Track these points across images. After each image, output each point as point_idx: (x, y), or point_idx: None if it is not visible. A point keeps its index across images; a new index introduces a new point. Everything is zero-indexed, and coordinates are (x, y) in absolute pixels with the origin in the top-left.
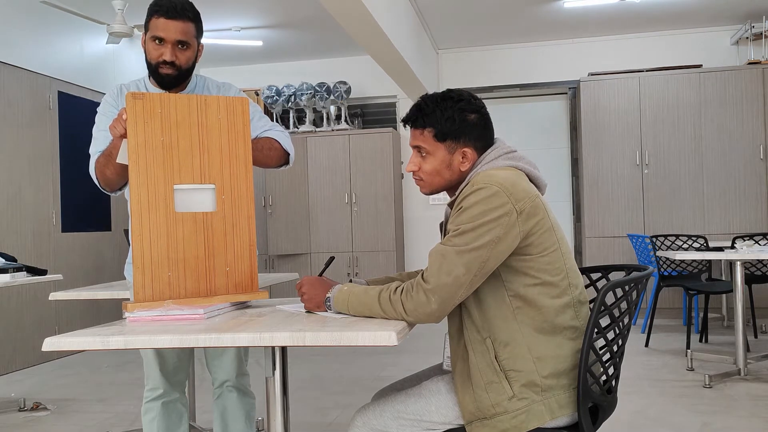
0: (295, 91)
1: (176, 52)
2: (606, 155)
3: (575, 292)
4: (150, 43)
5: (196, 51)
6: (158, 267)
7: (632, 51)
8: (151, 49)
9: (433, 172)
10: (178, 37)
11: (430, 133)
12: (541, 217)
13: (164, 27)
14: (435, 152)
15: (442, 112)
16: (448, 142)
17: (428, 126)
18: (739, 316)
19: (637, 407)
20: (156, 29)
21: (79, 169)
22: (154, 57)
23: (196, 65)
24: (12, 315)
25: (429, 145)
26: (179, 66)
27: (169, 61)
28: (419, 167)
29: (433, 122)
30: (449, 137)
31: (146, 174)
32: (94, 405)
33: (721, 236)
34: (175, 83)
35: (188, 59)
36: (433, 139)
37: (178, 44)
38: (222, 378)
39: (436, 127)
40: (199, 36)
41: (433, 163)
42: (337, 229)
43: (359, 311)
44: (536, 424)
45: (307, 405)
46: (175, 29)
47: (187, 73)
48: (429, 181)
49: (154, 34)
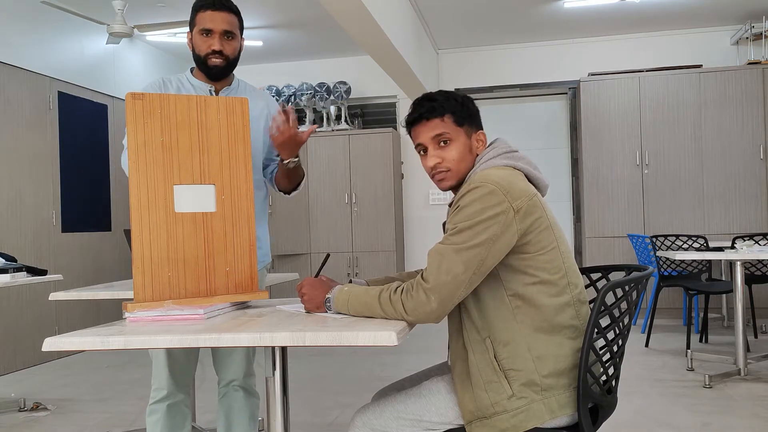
0: (295, 91)
1: (223, 42)
2: (606, 155)
3: (575, 291)
4: (198, 37)
5: (240, 44)
6: (158, 267)
7: (632, 51)
8: (200, 43)
9: (459, 158)
10: (225, 27)
11: (450, 118)
12: (538, 215)
13: (211, 18)
14: (457, 137)
15: (455, 99)
16: (466, 127)
17: (447, 112)
18: (739, 316)
19: (637, 407)
20: (204, 22)
21: (79, 169)
22: (203, 49)
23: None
24: (12, 315)
25: (452, 131)
26: (227, 56)
27: (218, 50)
28: (442, 158)
29: (452, 108)
30: (466, 121)
31: (146, 174)
32: (94, 405)
33: (721, 236)
34: (223, 73)
35: (234, 50)
36: (454, 123)
37: (224, 35)
38: (229, 377)
39: (455, 111)
40: (241, 29)
41: (458, 148)
42: (337, 229)
43: (359, 311)
44: (536, 423)
45: (307, 405)
46: (221, 20)
47: (233, 64)
48: (456, 168)
49: (203, 27)
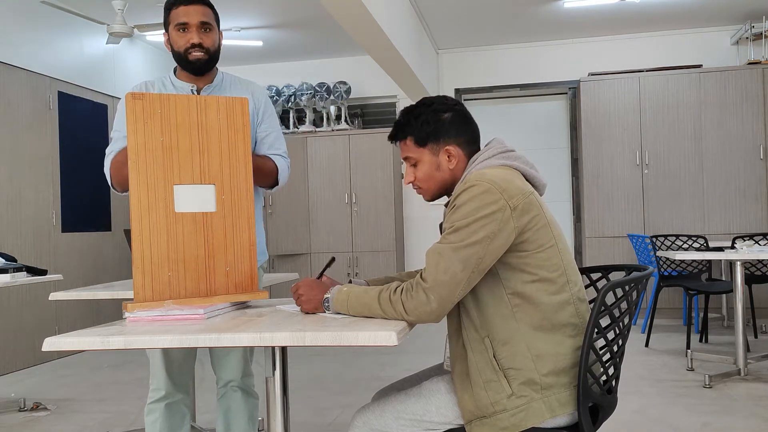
0: (295, 91)
1: (201, 35)
2: (606, 155)
3: (574, 288)
4: (175, 33)
5: (219, 37)
6: (158, 267)
7: (632, 51)
8: (177, 39)
9: (426, 178)
10: (201, 18)
11: (411, 141)
12: (535, 213)
13: (185, 12)
14: (421, 158)
15: (416, 118)
16: (429, 145)
17: (407, 135)
18: (739, 316)
19: (637, 407)
20: (178, 17)
21: (79, 169)
22: (181, 45)
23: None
24: (12, 315)
25: (414, 153)
26: (207, 48)
27: (197, 43)
28: (414, 177)
29: (411, 131)
30: (429, 140)
31: (146, 174)
32: (94, 405)
33: (721, 236)
34: (206, 67)
35: (214, 42)
36: (415, 146)
37: (201, 26)
38: (227, 378)
39: (414, 134)
40: (217, 21)
41: (423, 169)
42: (337, 229)
43: (359, 311)
44: (535, 422)
45: (307, 405)
46: (195, 12)
47: (215, 57)
48: (426, 187)
49: (178, 22)
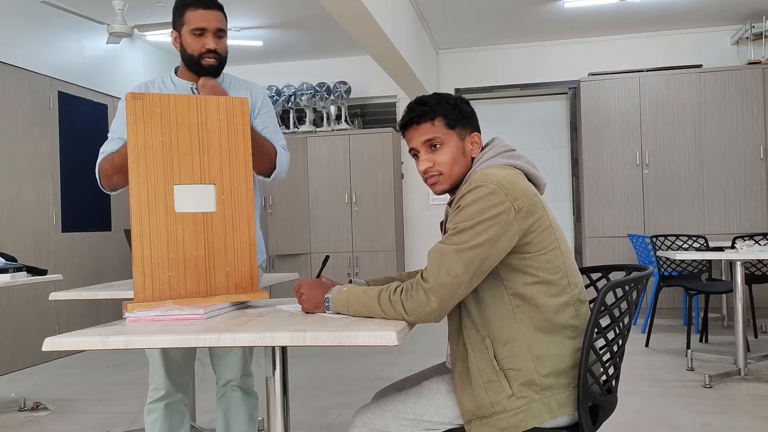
0: (295, 91)
1: (216, 40)
2: (606, 155)
3: (575, 290)
4: (189, 37)
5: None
6: (158, 267)
7: (632, 51)
8: (192, 42)
9: (452, 161)
10: (218, 25)
11: (441, 121)
12: (539, 215)
13: (204, 17)
14: (449, 140)
15: (447, 101)
16: (458, 129)
17: (438, 115)
18: (739, 316)
19: (637, 407)
20: (195, 21)
21: (79, 169)
22: (196, 49)
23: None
24: (12, 315)
25: (443, 134)
26: (220, 54)
27: (213, 49)
28: (434, 162)
29: (443, 111)
30: (459, 124)
31: (146, 174)
32: (94, 405)
33: (721, 236)
34: (216, 73)
35: (225, 48)
36: (445, 127)
37: (217, 33)
38: (227, 377)
39: (446, 114)
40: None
41: (450, 151)
42: (337, 229)
43: (359, 312)
44: (535, 422)
45: (307, 405)
46: (213, 18)
47: (224, 62)
48: (448, 172)
49: (195, 26)
